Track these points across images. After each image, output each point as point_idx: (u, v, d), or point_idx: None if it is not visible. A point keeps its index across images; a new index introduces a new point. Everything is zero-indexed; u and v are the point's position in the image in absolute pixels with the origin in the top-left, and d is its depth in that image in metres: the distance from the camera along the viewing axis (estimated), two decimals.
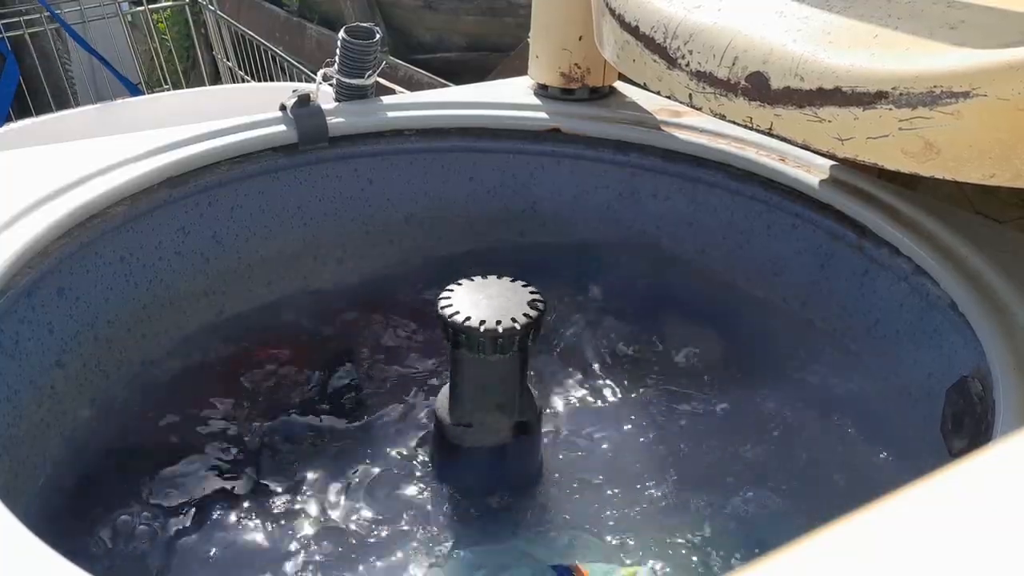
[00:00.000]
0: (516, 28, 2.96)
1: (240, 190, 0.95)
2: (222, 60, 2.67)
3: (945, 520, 0.25)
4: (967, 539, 0.24)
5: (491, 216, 1.09)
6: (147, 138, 0.90)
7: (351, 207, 1.04)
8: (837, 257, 0.88)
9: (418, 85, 2.61)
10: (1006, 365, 0.63)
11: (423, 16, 3.27)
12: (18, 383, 0.73)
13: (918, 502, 0.26)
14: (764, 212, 0.94)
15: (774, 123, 0.65)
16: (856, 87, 0.59)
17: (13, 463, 0.72)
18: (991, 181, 0.55)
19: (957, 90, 0.54)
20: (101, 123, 1.71)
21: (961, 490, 0.26)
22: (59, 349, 0.79)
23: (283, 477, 0.82)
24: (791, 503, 0.78)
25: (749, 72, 0.66)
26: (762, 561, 0.23)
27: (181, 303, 0.93)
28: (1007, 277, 0.72)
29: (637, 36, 0.78)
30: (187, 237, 0.92)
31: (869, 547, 0.24)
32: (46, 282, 0.76)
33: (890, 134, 0.58)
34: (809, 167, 0.91)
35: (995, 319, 0.68)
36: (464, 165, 1.06)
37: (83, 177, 0.82)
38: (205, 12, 2.62)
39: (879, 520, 0.25)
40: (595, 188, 1.05)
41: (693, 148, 0.98)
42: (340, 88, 1.02)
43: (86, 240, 0.80)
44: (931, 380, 0.76)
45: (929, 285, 0.76)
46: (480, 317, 0.70)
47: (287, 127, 0.96)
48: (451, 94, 1.12)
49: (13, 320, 0.73)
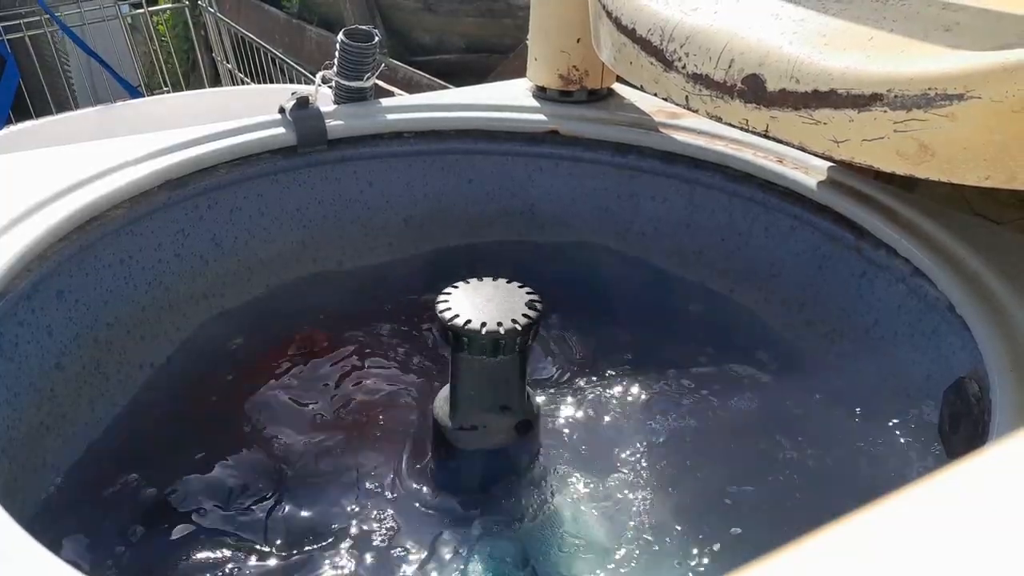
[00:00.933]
0: (515, 30, 2.97)
1: (239, 192, 0.95)
2: (222, 62, 2.67)
3: (943, 521, 0.25)
4: (965, 539, 0.24)
5: (490, 217, 1.09)
6: (146, 140, 0.90)
7: (350, 209, 1.04)
8: (835, 259, 0.88)
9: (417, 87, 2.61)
10: (1003, 366, 0.63)
11: (422, 18, 3.28)
12: (17, 386, 0.74)
13: (916, 503, 0.26)
14: (762, 214, 0.94)
15: (770, 125, 0.65)
16: (851, 89, 0.59)
17: (12, 466, 0.72)
18: (986, 183, 0.55)
19: (951, 92, 0.54)
20: (101, 125, 1.71)
21: (959, 491, 0.27)
22: (58, 352, 0.79)
23: (281, 479, 0.82)
24: (790, 502, 0.79)
25: (745, 74, 0.66)
26: (762, 561, 0.24)
27: (181, 305, 0.93)
28: (1005, 279, 0.72)
29: (634, 39, 0.78)
30: (186, 239, 0.92)
31: (868, 547, 0.24)
32: (45, 285, 0.76)
33: (885, 136, 0.58)
34: (807, 169, 0.91)
35: (993, 321, 0.68)
36: (463, 167, 1.06)
37: (83, 180, 0.82)
38: (205, 14, 2.62)
39: (878, 520, 0.25)
40: (593, 190, 1.05)
41: (691, 150, 0.98)
42: (339, 90, 1.02)
43: (86, 243, 0.80)
44: (929, 381, 0.76)
45: (927, 286, 0.76)
46: (482, 319, 0.70)
47: (286, 129, 0.96)
48: (450, 96, 1.12)
49: (12, 323, 0.73)
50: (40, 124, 1.76)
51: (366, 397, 0.93)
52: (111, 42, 2.48)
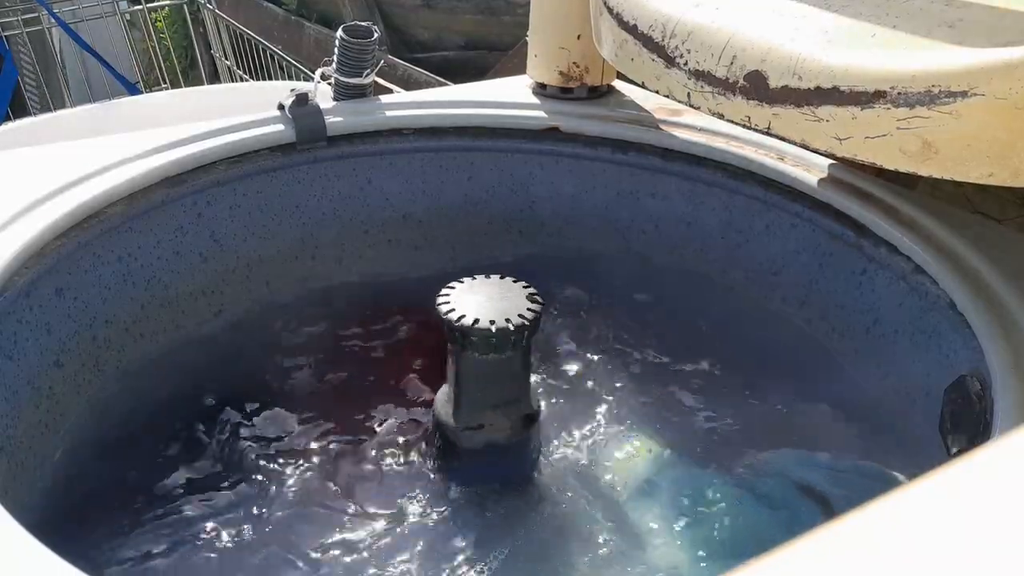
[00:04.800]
0: (514, 27, 2.96)
1: (238, 190, 0.95)
2: (220, 59, 2.66)
3: (944, 518, 0.25)
4: (966, 536, 0.24)
5: (489, 215, 1.08)
6: (145, 137, 0.90)
7: (349, 206, 1.04)
8: (836, 256, 0.88)
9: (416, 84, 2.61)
10: (1004, 364, 0.63)
11: (421, 15, 3.27)
12: (16, 384, 0.73)
13: (917, 500, 0.26)
14: (763, 211, 0.94)
15: (772, 122, 0.65)
16: (854, 86, 0.59)
17: (11, 464, 0.71)
18: (989, 180, 0.55)
19: (955, 89, 0.54)
20: (99, 122, 1.71)
21: (960, 488, 0.26)
22: (57, 349, 0.79)
23: (280, 478, 0.82)
24: (787, 502, 0.78)
25: (747, 71, 0.66)
26: (762, 560, 0.23)
27: (179, 303, 0.93)
28: (1006, 276, 0.72)
29: (635, 35, 0.78)
30: (185, 237, 0.92)
31: (868, 545, 0.24)
32: (44, 282, 0.76)
33: (888, 133, 0.58)
34: (808, 166, 0.91)
35: (994, 318, 0.68)
36: (462, 164, 1.06)
37: (81, 177, 0.82)
38: (203, 11, 2.62)
39: (878, 518, 0.25)
40: (593, 187, 1.05)
41: (692, 147, 0.98)
42: (338, 87, 1.02)
43: (84, 240, 0.80)
44: (929, 379, 0.76)
45: (928, 284, 0.76)
46: (485, 317, 0.70)
47: (285, 126, 0.96)
48: (449, 93, 1.12)
49: (11, 320, 0.72)
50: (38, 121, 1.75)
51: (365, 396, 0.93)
52: (109, 39, 2.48)
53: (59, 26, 2.23)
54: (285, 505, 0.79)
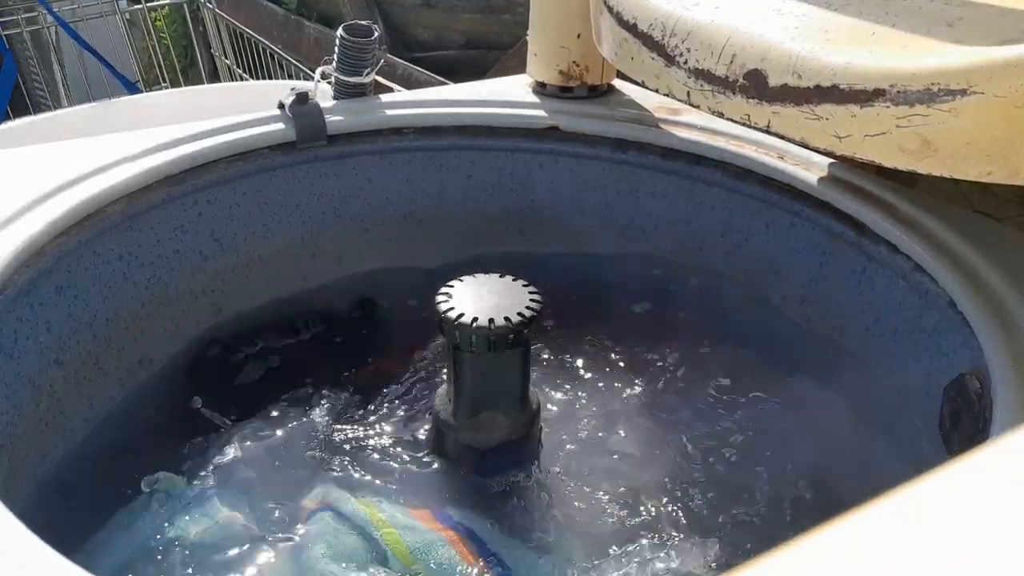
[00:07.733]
0: (514, 26, 2.96)
1: (238, 189, 0.95)
2: (220, 58, 2.66)
3: (944, 517, 0.25)
4: (966, 536, 0.24)
5: (489, 214, 1.09)
6: (145, 136, 0.90)
7: (349, 205, 1.04)
8: (836, 255, 0.88)
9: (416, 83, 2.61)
10: (1004, 363, 0.63)
11: (421, 14, 3.27)
12: (17, 382, 0.73)
13: (917, 500, 0.26)
14: (763, 210, 0.94)
15: (772, 121, 0.65)
16: (854, 85, 0.59)
17: (12, 462, 0.72)
18: (988, 179, 0.55)
19: (954, 87, 0.54)
20: (99, 121, 1.71)
21: (960, 487, 0.26)
22: (58, 348, 0.79)
23: (279, 478, 0.82)
24: (790, 500, 0.79)
25: (747, 70, 0.66)
26: (762, 560, 0.23)
27: (180, 301, 0.93)
28: (1005, 275, 0.72)
29: (635, 34, 0.78)
30: (185, 235, 0.92)
31: (868, 545, 0.24)
32: (44, 281, 0.76)
33: (887, 131, 0.58)
34: (808, 165, 0.91)
35: (993, 317, 0.68)
36: (462, 163, 1.06)
37: (81, 175, 0.82)
38: (203, 10, 2.62)
39: (878, 518, 0.25)
40: (593, 186, 1.05)
41: (691, 146, 0.98)
42: (338, 86, 1.02)
43: (84, 238, 0.80)
44: (929, 378, 0.76)
45: (928, 283, 0.76)
46: (485, 315, 0.70)
47: (285, 125, 0.96)
48: (449, 92, 1.12)
49: (11, 319, 0.72)
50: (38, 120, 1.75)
51: (364, 395, 0.93)
52: (109, 38, 2.48)
53: (59, 25, 2.23)
54: (283, 501, 0.79)
